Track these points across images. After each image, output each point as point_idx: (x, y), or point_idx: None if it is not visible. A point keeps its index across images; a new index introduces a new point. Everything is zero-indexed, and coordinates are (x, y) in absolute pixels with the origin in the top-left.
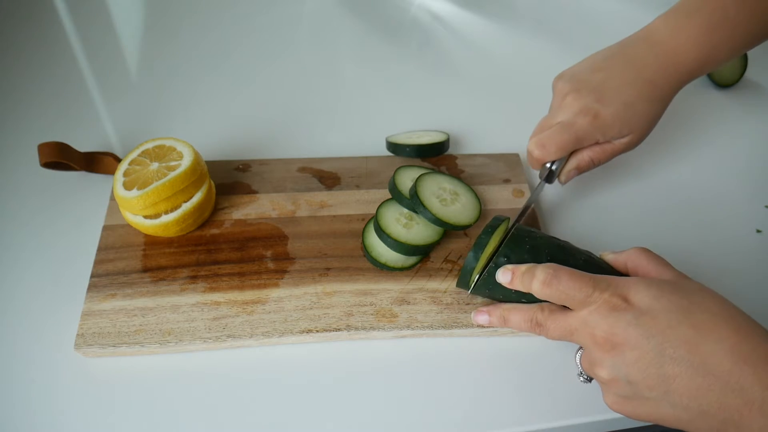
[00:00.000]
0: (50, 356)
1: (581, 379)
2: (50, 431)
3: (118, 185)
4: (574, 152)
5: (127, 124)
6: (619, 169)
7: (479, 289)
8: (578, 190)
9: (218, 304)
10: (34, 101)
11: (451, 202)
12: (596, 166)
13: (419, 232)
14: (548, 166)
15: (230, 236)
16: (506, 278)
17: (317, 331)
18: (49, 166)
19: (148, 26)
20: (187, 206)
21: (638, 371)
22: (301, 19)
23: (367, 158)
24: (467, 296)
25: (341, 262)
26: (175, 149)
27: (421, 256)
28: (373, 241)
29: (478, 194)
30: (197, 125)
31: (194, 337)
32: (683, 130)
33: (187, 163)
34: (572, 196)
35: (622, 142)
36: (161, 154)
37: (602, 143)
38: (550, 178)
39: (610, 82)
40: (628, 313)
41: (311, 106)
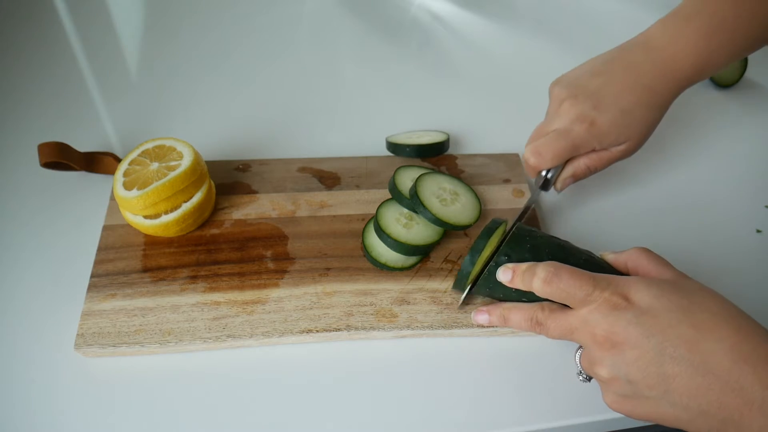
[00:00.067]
0: (50, 356)
1: (581, 378)
2: (50, 431)
3: (118, 185)
4: (570, 160)
5: (127, 124)
6: (619, 169)
7: (479, 288)
8: (578, 190)
9: (218, 304)
10: (34, 101)
11: (451, 202)
12: (592, 173)
13: (419, 232)
14: (543, 174)
15: (230, 236)
16: (507, 277)
17: (317, 331)
18: (49, 166)
19: (148, 26)
20: (187, 206)
21: (638, 370)
22: (301, 19)
23: (367, 158)
24: (460, 305)
25: (341, 262)
26: (175, 149)
27: (421, 256)
28: (373, 241)
29: (478, 194)
30: (197, 125)
31: (194, 337)
32: (683, 130)
33: (187, 163)
34: (572, 195)
35: (619, 149)
36: (161, 154)
37: (599, 151)
38: (545, 185)
39: (607, 88)
40: (628, 312)
41: (311, 106)
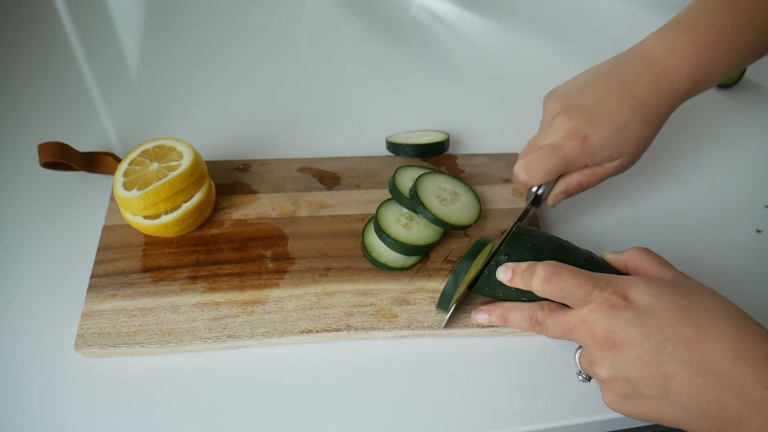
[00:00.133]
0: (50, 356)
1: (580, 378)
2: (50, 431)
3: (118, 185)
4: (562, 175)
5: (127, 124)
6: None
7: (479, 288)
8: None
9: (218, 304)
10: (34, 101)
11: (451, 202)
12: (585, 189)
13: (419, 232)
14: (534, 190)
15: (230, 236)
16: (507, 276)
17: (317, 331)
18: (49, 166)
19: (148, 26)
20: (187, 206)
21: (637, 370)
22: (301, 19)
23: (367, 158)
24: (445, 324)
25: (341, 262)
26: (175, 149)
27: (421, 256)
28: (373, 241)
29: (478, 194)
30: (197, 125)
31: (194, 337)
32: (683, 130)
33: (187, 163)
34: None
35: (612, 165)
36: (161, 154)
37: (592, 167)
38: (536, 201)
39: (601, 102)
40: (627, 311)
41: (311, 106)
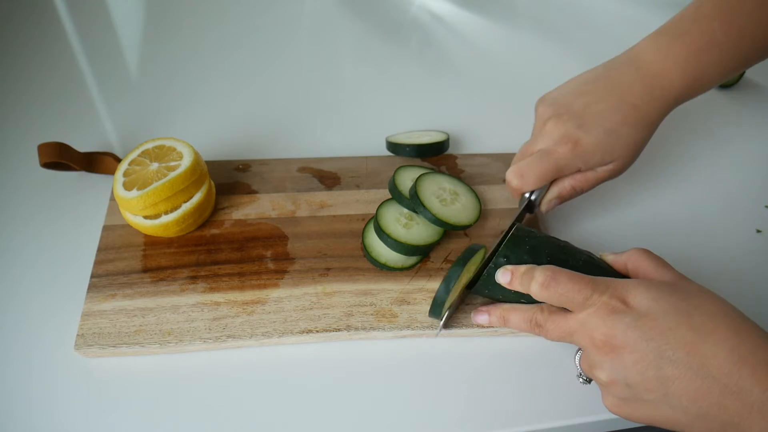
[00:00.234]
0: (50, 356)
1: (580, 380)
2: (50, 431)
3: (118, 185)
4: (555, 181)
5: (127, 124)
6: None
7: (479, 289)
8: None
9: (218, 304)
10: (34, 101)
11: (451, 202)
12: (579, 194)
13: (419, 232)
14: (527, 196)
15: (230, 236)
16: (506, 279)
17: (317, 331)
18: (49, 166)
19: (148, 26)
20: (187, 206)
21: (637, 374)
22: (301, 19)
23: (367, 158)
24: (438, 332)
25: (341, 262)
26: (175, 149)
27: (421, 256)
28: (373, 241)
29: (478, 194)
30: (197, 125)
31: (194, 337)
32: (683, 130)
33: (187, 163)
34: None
35: (605, 169)
36: (161, 154)
37: (584, 171)
38: (530, 207)
39: (592, 107)
40: (627, 315)
41: (311, 106)
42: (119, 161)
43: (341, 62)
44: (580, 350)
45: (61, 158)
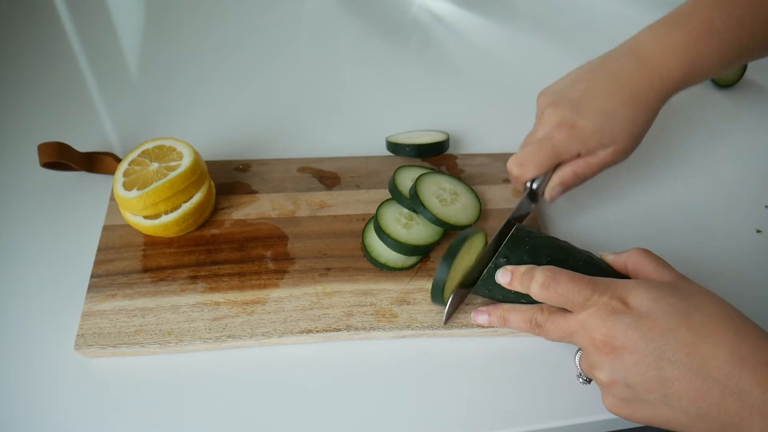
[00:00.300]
0: (50, 356)
1: (580, 380)
2: (50, 431)
3: (118, 185)
4: (556, 168)
5: (127, 124)
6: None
7: (479, 289)
8: (578, 190)
9: (218, 304)
10: (34, 101)
11: (451, 202)
12: (582, 181)
13: (419, 232)
14: (529, 185)
15: (230, 236)
16: (505, 279)
17: (317, 331)
18: (49, 166)
19: (148, 26)
20: (187, 206)
21: (637, 374)
22: (301, 19)
23: (367, 158)
24: (445, 319)
25: (341, 262)
26: (175, 149)
27: (421, 256)
28: (373, 241)
29: (478, 194)
30: (197, 125)
31: (194, 337)
32: (683, 130)
33: (187, 163)
34: (572, 196)
35: (606, 153)
36: (161, 154)
37: (585, 156)
38: (533, 197)
39: (589, 93)
40: (627, 316)
41: (311, 106)
42: (119, 161)
43: (341, 62)
44: (580, 350)
45: (61, 158)
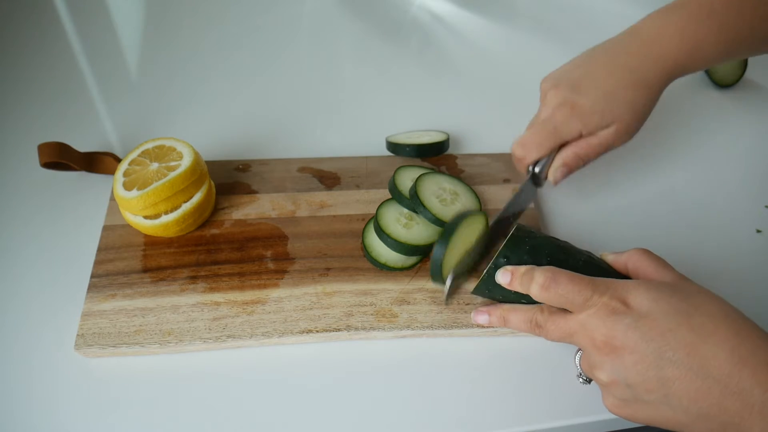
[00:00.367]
0: (50, 356)
1: (580, 380)
2: (50, 431)
3: (118, 185)
4: (560, 150)
5: (127, 124)
6: (618, 169)
7: (479, 289)
8: (578, 191)
9: (218, 304)
10: (34, 101)
11: (451, 202)
12: (585, 162)
13: (419, 232)
14: (531, 169)
15: (230, 236)
16: (505, 279)
17: (317, 331)
18: (49, 166)
19: (148, 26)
20: (187, 206)
21: (637, 374)
22: (301, 19)
23: (367, 158)
24: (446, 298)
25: (341, 262)
26: (175, 149)
27: (421, 256)
28: (373, 241)
29: (478, 194)
30: (197, 125)
31: (194, 337)
32: (683, 130)
33: (187, 163)
34: (572, 197)
35: (608, 132)
36: (161, 154)
37: (587, 137)
38: (537, 181)
39: (589, 74)
40: (627, 316)
41: (311, 106)
42: (119, 161)
43: (341, 62)
44: (580, 350)
45: (61, 158)
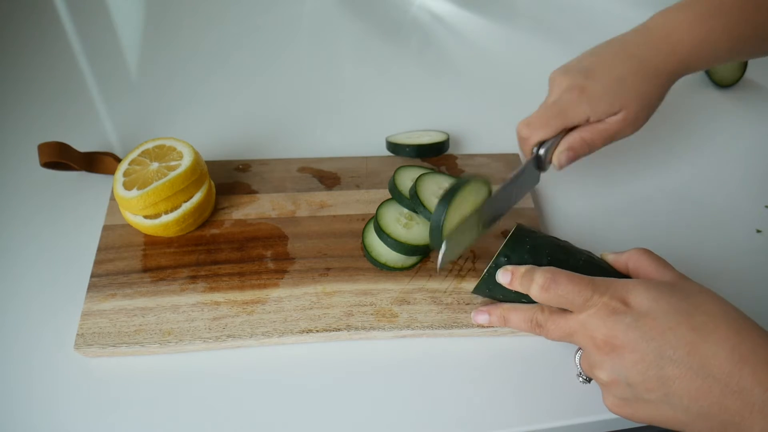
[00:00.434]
0: (50, 356)
1: (580, 379)
2: (50, 431)
3: (118, 185)
4: (565, 135)
5: (127, 124)
6: (618, 169)
7: (479, 288)
8: (578, 190)
9: (218, 304)
10: (34, 101)
11: None
12: (591, 149)
13: (419, 232)
14: (536, 150)
15: (230, 236)
16: (506, 279)
17: (317, 331)
18: (49, 166)
19: (148, 26)
20: (187, 206)
21: (638, 373)
22: (301, 19)
23: (367, 158)
24: (440, 264)
25: (341, 262)
26: (175, 149)
27: (421, 256)
28: (373, 241)
29: None
30: (197, 125)
31: (194, 337)
32: (683, 130)
33: (187, 163)
34: (573, 196)
35: (615, 120)
36: (161, 154)
37: (594, 122)
38: (540, 164)
39: (599, 62)
40: (627, 315)
41: (311, 106)
42: (119, 161)
43: (341, 62)
44: (580, 349)
45: (61, 158)
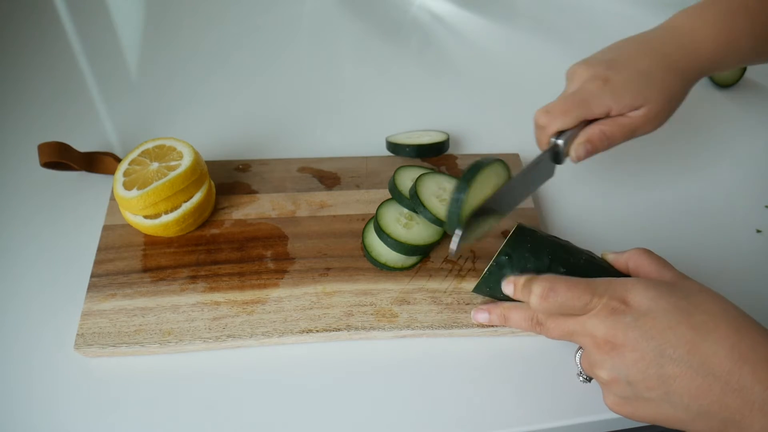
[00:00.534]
0: (50, 356)
1: (581, 378)
2: (50, 431)
3: (118, 185)
4: (585, 127)
5: (127, 124)
6: (618, 169)
7: (480, 287)
8: (579, 190)
9: (218, 304)
10: (34, 101)
11: None
12: (610, 144)
13: (419, 232)
14: (554, 140)
15: (230, 236)
16: (509, 290)
17: (317, 331)
18: (49, 166)
19: (148, 26)
20: (187, 206)
21: (638, 372)
22: (301, 19)
23: (367, 158)
24: (455, 250)
25: (341, 262)
26: (175, 149)
27: (421, 256)
28: (373, 241)
29: None
30: (197, 125)
31: (194, 337)
32: (683, 130)
33: (187, 163)
34: (573, 196)
35: (637, 114)
36: (161, 154)
37: (615, 116)
38: (557, 157)
39: (623, 55)
40: (627, 315)
41: (311, 106)
42: (119, 161)
43: (341, 62)
44: (580, 349)
45: (61, 158)
